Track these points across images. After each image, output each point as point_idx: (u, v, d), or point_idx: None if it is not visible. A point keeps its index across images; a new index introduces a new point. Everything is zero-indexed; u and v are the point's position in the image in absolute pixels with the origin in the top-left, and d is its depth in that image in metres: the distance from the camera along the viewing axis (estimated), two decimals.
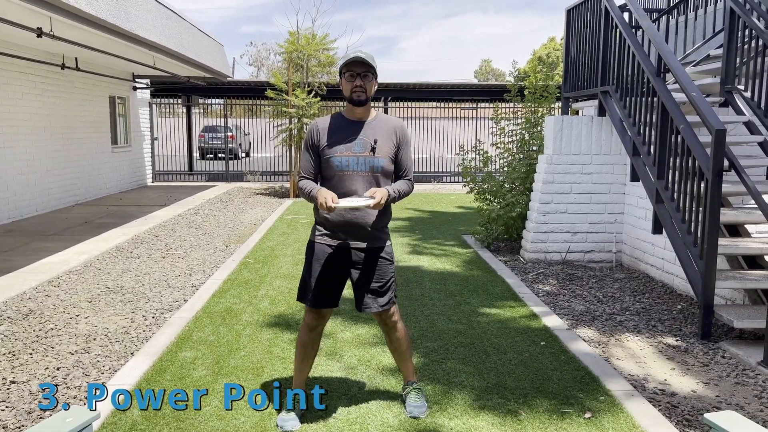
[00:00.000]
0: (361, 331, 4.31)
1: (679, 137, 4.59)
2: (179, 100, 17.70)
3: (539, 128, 7.83)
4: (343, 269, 2.96)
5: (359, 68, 2.83)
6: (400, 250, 7.23)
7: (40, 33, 7.12)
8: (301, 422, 2.97)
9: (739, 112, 5.51)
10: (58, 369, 3.65)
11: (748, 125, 5.34)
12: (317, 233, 2.98)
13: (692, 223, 4.41)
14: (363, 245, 2.94)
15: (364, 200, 2.72)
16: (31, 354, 3.89)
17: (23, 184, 9.48)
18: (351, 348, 3.99)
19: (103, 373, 3.60)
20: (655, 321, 4.68)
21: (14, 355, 3.87)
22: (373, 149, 2.87)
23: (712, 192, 4.11)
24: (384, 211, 2.96)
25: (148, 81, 14.85)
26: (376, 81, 2.92)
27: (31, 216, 9.64)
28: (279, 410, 3.08)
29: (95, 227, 8.58)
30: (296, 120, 12.65)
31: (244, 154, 26.98)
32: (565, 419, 3.05)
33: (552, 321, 4.59)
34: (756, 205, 4.85)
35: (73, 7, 6.30)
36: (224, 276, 5.85)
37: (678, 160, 4.64)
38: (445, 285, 5.63)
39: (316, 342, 3.04)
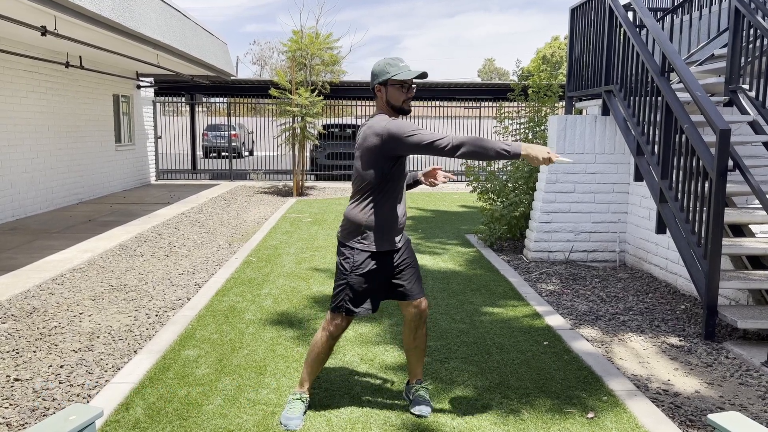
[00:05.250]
0: (364, 330, 4.31)
1: (684, 137, 4.58)
2: (183, 99, 17.73)
3: (543, 127, 7.82)
4: (389, 272, 2.98)
5: (415, 79, 2.85)
6: None
7: (44, 31, 7.13)
8: (304, 421, 2.97)
9: (743, 111, 5.50)
10: (61, 367, 3.66)
11: (753, 125, 5.33)
12: (374, 240, 2.89)
13: (696, 223, 4.40)
14: (402, 238, 3.02)
15: (565, 158, 2.70)
16: (34, 352, 3.91)
17: (27, 182, 9.50)
18: (353, 346, 3.99)
19: (106, 371, 3.61)
20: (658, 321, 4.67)
21: (18, 353, 3.88)
22: None
23: (717, 192, 4.10)
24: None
25: (152, 79, 14.88)
26: None
27: (35, 214, 9.67)
28: (282, 409, 3.08)
29: (99, 225, 8.60)
30: (299, 119, 12.65)
31: (247, 153, 27.01)
32: (567, 419, 3.04)
33: (555, 320, 4.58)
34: (760, 205, 4.84)
35: (77, 5, 6.31)
36: (227, 274, 5.86)
37: (682, 160, 4.62)
38: (448, 284, 5.62)
39: (333, 348, 3.05)
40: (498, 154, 2.63)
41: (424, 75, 2.81)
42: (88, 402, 3.23)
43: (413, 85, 2.88)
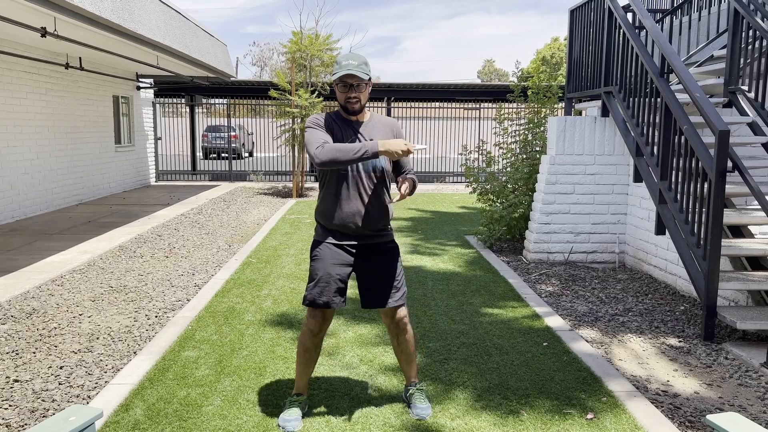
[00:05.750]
0: (363, 331, 4.32)
1: (683, 138, 4.58)
2: (183, 100, 17.73)
3: (542, 129, 7.83)
4: (350, 267, 2.96)
5: (351, 79, 2.83)
6: (402, 250, 7.22)
7: (44, 33, 7.14)
8: (303, 422, 2.97)
9: (742, 112, 5.50)
10: (61, 368, 3.67)
11: (752, 126, 5.33)
12: (321, 231, 2.97)
13: (695, 224, 4.41)
14: (372, 241, 2.96)
15: (421, 146, 2.76)
16: (34, 353, 3.91)
17: (27, 183, 9.51)
18: (353, 347, 3.99)
19: (106, 372, 3.61)
20: (657, 322, 4.67)
21: (18, 354, 3.88)
22: None
23: (716, 193, 4.10)
24: (387, 207, 2.99)
25: (151, 81, 14.89)
26: (370, 84, 2.93)
27: (35, 215, 9.67)
28: (281, 410, 3.09)
29: (99, 226, 8.60)
30: (299, 120, 12.66)
31: (247, 154, 27.01)
32: (567, 420, 3.04)
33: (554, 321, 4.59)
34: (759, 206, 4.84)
35: (77, 6, 6.32)
36: (227, 275, 5.86)
37: (681, 161, 4.63)
38: (447, 285, 5.63)
39: (318, 346, 3.02)
40: (356, 155, 2.69)
41: (347, 75, 2.80)
42: (87, 403, 3.23)
43: (355, 84, 2.84)
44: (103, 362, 3.76)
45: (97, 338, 4.18)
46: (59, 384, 3.44)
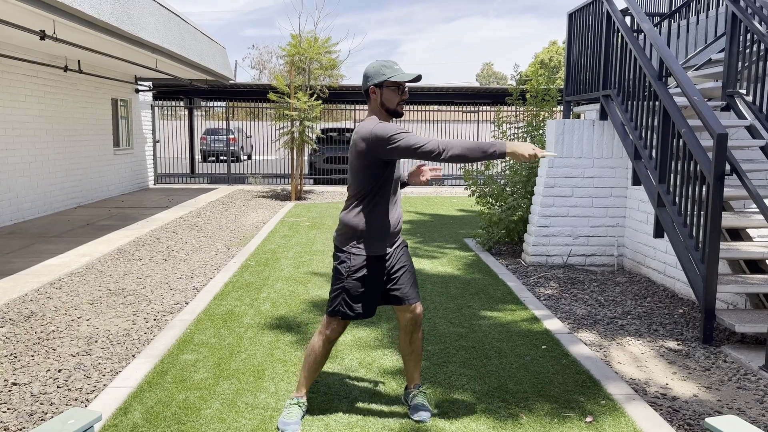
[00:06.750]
0: (362, 334, 4.31)
1: (681, 141, 4.59)
2: (181, 103, 17.74)
3: (541, 132, 7.84)
4: (384, 276, 2.98)
5: (409, 83, 2.88)
6: None
7: (43, 35, 7.14)
8: (302, 425, 2.97)
9: (740, 116, 5.51)
10: (59, 371, 3.66)
11: (750, 129, 5.35)
12: (369, 245, 2.89)
13: (694, 227, 4.41)
14: (395, 242, 3.03)
15: (550, 153, 2.78)
16: (32, 356, 3.90)
17: (25, 186, 9.50)
18: (352, 350, 3.99)
19: (104, 375, 3.60)
20: (656, 325, 4.67)
21: (16, 357, 3.87)
22: None
23: (714, 196, 4.11)
24: None
25: (150, 83, 14.90)
26: None
27: (33, 218, 9.66)
28: (280, 413, 3.08)
29: (97, 229, 8.59)
30: (298, 123, 12.66)
31: (245, 157, 27.01)
32: (566, 423, 3.04)
33: (553, 324, 4.59)
34: (758, 209, 4.85)
35: (76, 9, 6.33)
36: (226, 278, 5.86)
37: (679, 164, 4.64)
38: (446, 288, 5.63)
39: (329, 352, 3.05)
40: (484, 154, 2.66)
41: (419, 78, 2.86)
42: (86, 406, 3.22)
43: (407, 89, 2.91)
44: (102, 365, 3.76)
45: (96, 341, 4.18)
46: (57, 387, 3.43)
